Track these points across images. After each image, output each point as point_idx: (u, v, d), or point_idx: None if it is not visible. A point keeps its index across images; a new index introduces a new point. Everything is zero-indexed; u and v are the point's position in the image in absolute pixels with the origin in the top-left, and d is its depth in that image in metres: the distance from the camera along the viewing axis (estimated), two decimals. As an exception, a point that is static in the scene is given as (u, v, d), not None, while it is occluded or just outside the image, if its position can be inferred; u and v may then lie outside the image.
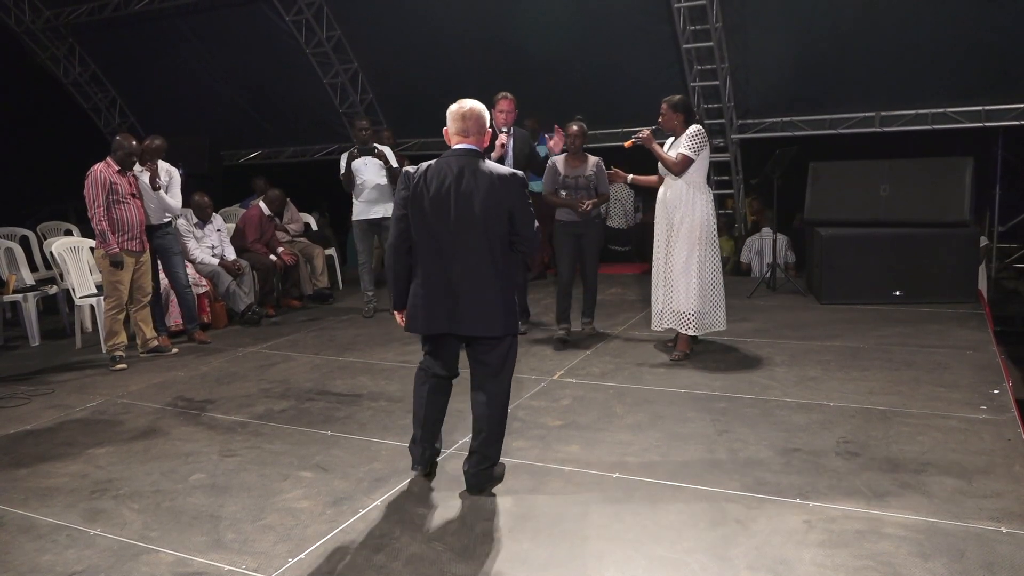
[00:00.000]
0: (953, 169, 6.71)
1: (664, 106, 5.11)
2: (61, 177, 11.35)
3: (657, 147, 5.10)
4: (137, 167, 5.99)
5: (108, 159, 5.76)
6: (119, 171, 5.76)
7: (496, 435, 3.41)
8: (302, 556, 2.94)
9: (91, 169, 5.69)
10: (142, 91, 12.40)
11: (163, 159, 6.26)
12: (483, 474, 3.40)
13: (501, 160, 5.44)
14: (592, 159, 5.73)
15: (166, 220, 6.27)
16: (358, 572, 2.82)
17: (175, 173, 6.36)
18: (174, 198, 6.27)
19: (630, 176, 5.44)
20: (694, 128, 5.00)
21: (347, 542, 3.04)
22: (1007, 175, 9.46)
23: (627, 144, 5.17)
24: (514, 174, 3.27)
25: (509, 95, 5.72)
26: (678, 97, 5.15)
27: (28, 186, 11.38)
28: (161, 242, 6.22)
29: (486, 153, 3.68)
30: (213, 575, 2.85)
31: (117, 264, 5.70)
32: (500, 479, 3.52)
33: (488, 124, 3.38)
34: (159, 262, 6.30)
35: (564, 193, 5.70)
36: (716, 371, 4.99)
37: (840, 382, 4.63)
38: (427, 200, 3.25)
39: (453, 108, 3.32)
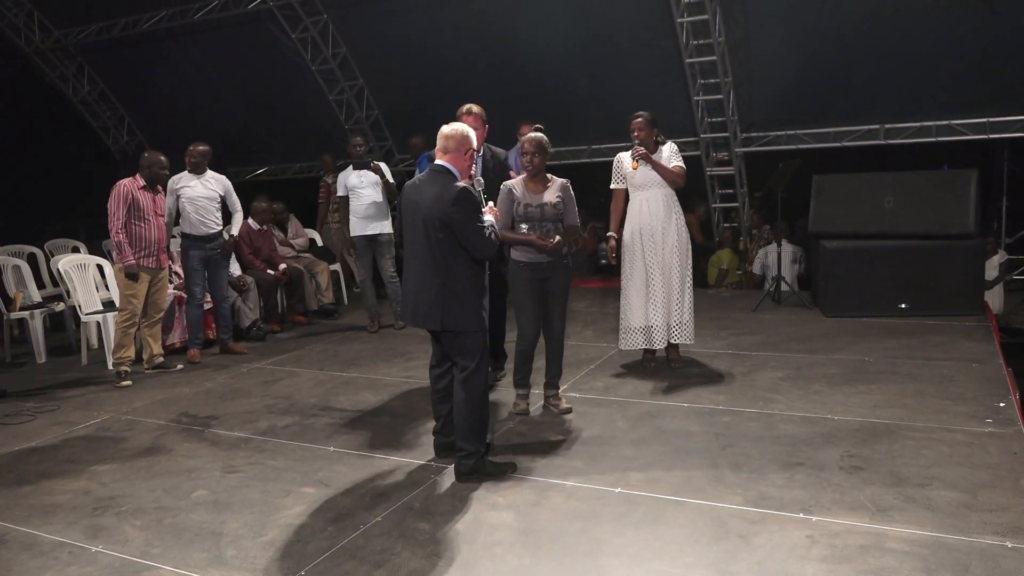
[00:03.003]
0: (958, 181, 6.68)
1: (640, 121, 5.16)
2: (70, 195, 11.46)
3: (656, 160, 5.14)
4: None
5: (136, 175, 5.87)
6: (144, 187, 5.85)
7: (464, 427, 3.69)
8: (303, 573, 2.94)
9: (117, 183, 5.82)
10: (149, 109, 12.50)
11: (198, 168, 6.43)
12: (460, 463, 3.70)
13: None
14: (558, 181, 4.54)
15: (214, 231, 6.41)
16: (358, 588, 2.81)
17: (226, 180, 6.61)
18: (234, 206, 6.62)
19: (611, 236, 5.30)
20: (674, 144, 5.25)
21: (348, 558, 3.03)
22: (1013, 187, 9.44)
23: (635, 167, 5.15)
24: (455, 188, 3.57)
25: (475, 109, 5.03)
26: (649, 113, 5.21)
27: (37, 204, 11.46)
28: (210, 253, 6.40)
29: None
30: (213, 592, 2.86)
31: (132, 276, 5.79)
32: (488, 475, 3.68)
33: (470, 147, 3.74)
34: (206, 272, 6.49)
35: (525, 227, 4.41)
36: (720, 385, 4.97)
37: (844, 395, 4.61)
38: (401, 208, 3.87)
39: (443, 127, 3.77)
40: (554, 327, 4.61)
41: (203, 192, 6.36)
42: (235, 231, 6.72)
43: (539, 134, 4.49)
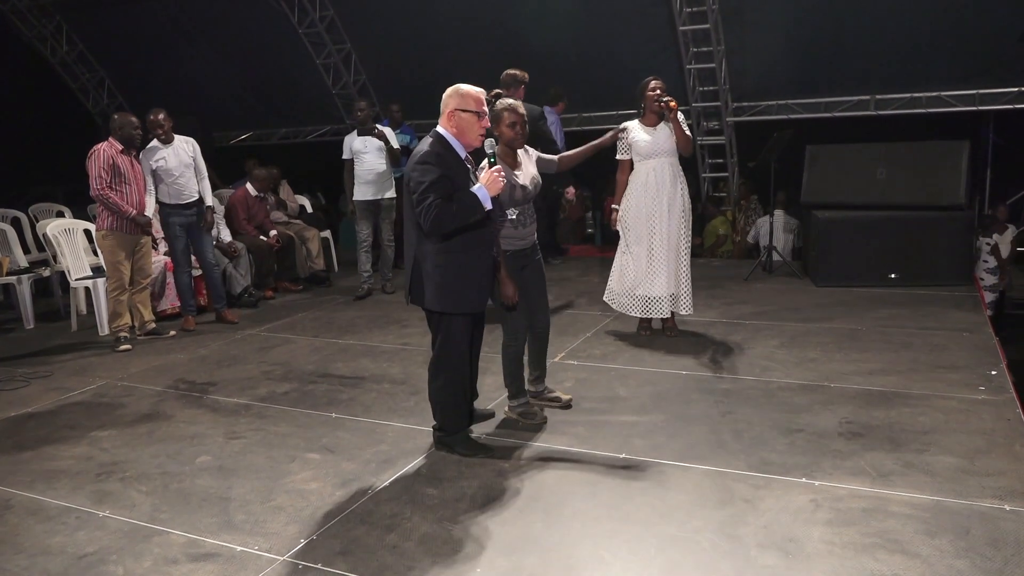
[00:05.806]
0: (949, 152, 6.73)
1: (662, 83, 5.07)
2: (50, 158, 11.24)
3: (678, 122, 5.05)
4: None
5: (110, 139, 5.72)
6: (123, 150, 5.72)
7: (433, 402, 3.68)
8: (314, 537, 2.96)
9: (94, 148, 5.68)
10: (130, 71, 12.24)
11: (167, 138, 6.14)
12: (434, 433, 3.75)
13: None
14: (533, 152, 4.00)
15: (195, 198, 6.20)
16: (371, 552, 2.84)
17: (194, 141, 6.30)
18: (201, 171, 6.25)
19: (615, 208, 5.29)
20: (681, 113, 5.16)
21: (359, 523, 3.05)
22: (997, 158, 9.54)
23: (673, 104, 4.96)
24: (418, 152, 3.36)
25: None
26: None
27: (17, 167, 11.24)
28: (191, 220, 6.19)
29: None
30: (226, 556, 2.87)
31: (143, 223, 5.77)
32: (456, 453, 3.63)
33: (451, 109, 3.37)
34: (189, 240, 6.29)
35: (514, 214, 3.76)
36: (717, 353, 5.02)
37: (840, 363, 4.67)
38: None
39: None
40: (540, 321, 4.02)
41: (176, 162, 6.07)
42: (208, 200, 6.28)
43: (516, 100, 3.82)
